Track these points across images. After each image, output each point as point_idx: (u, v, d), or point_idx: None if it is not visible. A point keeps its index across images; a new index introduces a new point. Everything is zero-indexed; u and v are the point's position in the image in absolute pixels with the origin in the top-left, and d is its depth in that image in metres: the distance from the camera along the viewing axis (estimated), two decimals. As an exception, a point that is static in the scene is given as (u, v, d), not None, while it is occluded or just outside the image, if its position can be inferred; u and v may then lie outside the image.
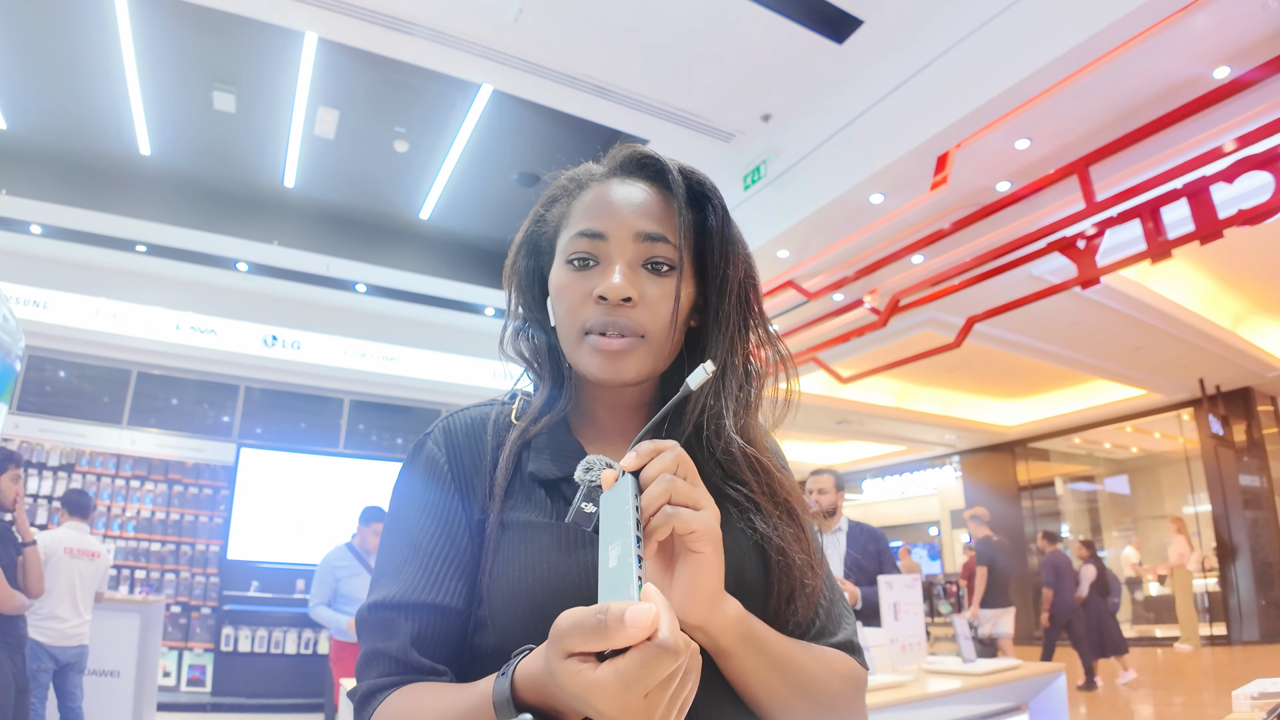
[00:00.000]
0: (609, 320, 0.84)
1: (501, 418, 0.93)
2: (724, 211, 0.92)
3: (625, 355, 0.85)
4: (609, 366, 0.85)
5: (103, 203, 7.91)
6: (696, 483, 0.71)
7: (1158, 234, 5.35)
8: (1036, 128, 5.69)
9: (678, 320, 0.87)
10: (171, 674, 8.21)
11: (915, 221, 6.73)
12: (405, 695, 0.77)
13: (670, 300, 0.87)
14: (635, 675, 0.54)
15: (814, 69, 5.94)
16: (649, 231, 0.87)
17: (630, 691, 0.54)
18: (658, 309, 0.86)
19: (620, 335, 0.85)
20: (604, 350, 0.85)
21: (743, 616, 0.78)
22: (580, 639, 0.56)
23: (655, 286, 0.86)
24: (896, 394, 12.47)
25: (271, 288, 9.34)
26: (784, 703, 0.81)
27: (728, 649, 0.77)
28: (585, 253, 0.87)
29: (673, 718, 0.58)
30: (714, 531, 0.71)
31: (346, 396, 10.17)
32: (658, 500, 0.68)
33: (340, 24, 5.53)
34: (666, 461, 0.70)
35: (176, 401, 9.45)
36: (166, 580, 8.49)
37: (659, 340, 0.87)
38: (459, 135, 7.15)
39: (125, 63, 6.33)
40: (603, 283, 0.85)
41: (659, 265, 0.87)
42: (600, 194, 0.90)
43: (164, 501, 8.77)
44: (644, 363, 0.86)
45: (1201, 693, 7.91)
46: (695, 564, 0.71)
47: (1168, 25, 4.54)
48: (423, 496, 0.88)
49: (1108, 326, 8.97)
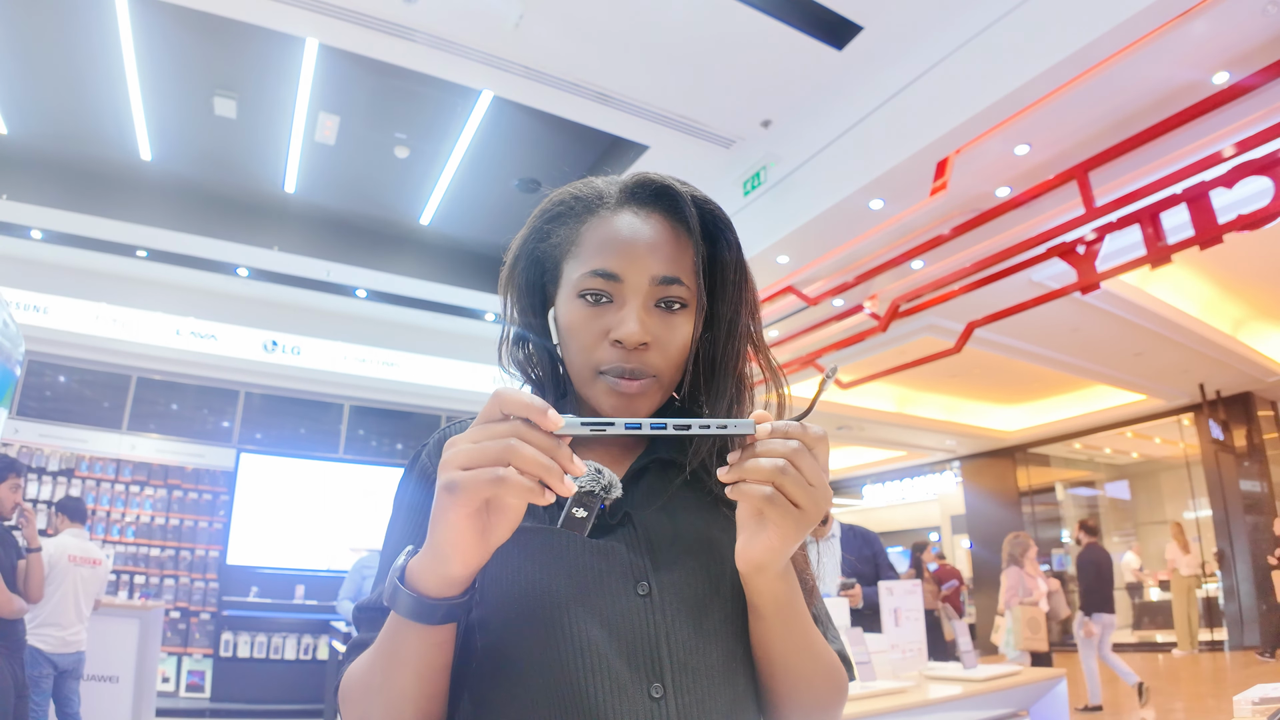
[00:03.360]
0: (625, 366, 0.85)
1: None
2: (738, 246, 0.93)
3: (640, 397, 0.87)
4: (622, 406, 0.87)
5: (103, 208, 7.91)
6: (823, 467, 0.73)
7: (1157, 239, 5.35)
8: (1036, 133, 5.70)
9: (687, 353, 0.90)
10: (170, 679, 8.20)
11: (915, 227, 6.73)
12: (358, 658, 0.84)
13: (681, 338, 0.88)
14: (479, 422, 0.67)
15: (814, 75, 5.95)
16: (665, 275, 0.87)
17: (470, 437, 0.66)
18: (670, 349, 0.88)
19: (635, 379, 0.86)
20: (621, 392, 0.86)
21: (788, 589, 0.82)
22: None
23: (668, 328, 0.87)
24: (897, 399, 12.47)
25: (272, 293, 9.34)
26: (793, 681, 0.86)
27: (762, 610, 0.82)
28: (600, 290, 0.87)
29: (484, 473, 0.64)
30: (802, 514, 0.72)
31: (346, 402, 10.17)
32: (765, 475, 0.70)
33: (341, 30, 5.54)
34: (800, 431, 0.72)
35: (176, 407, 9.44)
36: (166, 585, 8.49)
37: (671, 377, 0.89)
38: (459, 141, 7.16)
39: (126, 68, 6.34)
40: (619, 327, 0.85)
41: (672, 304, 0.88)
42: (614, 229, 0.89)
43: (163, 507, 8.76)
44: (656, 399, 0.89)
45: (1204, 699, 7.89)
46: (763, 538, 0.75)
47: (1166, 31, 4.55)
48: (413, 504, 0.90)
49: (1108, 332, 8.97)
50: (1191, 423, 12.17)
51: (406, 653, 0.74)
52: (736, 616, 0.85)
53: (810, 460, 0.71)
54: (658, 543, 0.85)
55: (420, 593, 0.70)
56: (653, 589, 0.82)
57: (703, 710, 0.80)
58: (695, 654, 0.81)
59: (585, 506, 0.75)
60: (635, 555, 0.84)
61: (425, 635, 0.72)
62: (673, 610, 0.82)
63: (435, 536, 0.68)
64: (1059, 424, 13.45)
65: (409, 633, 0.72)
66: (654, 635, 0.80)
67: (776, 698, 0.87)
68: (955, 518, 17.43)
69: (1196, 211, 5.13)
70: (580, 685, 0.77)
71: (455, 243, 9.22)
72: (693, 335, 0.89)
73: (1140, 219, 5.42)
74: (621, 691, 0.77)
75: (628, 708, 0.77)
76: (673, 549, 0.85)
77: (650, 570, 0.83)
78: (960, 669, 3.65)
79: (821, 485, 0.71)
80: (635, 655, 0.79)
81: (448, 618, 0.72)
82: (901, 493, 18.89)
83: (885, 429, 13.24)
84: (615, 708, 0.77)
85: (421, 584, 0.70)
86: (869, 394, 11.06)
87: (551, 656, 0.78)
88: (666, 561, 0.84)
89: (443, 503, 0.66)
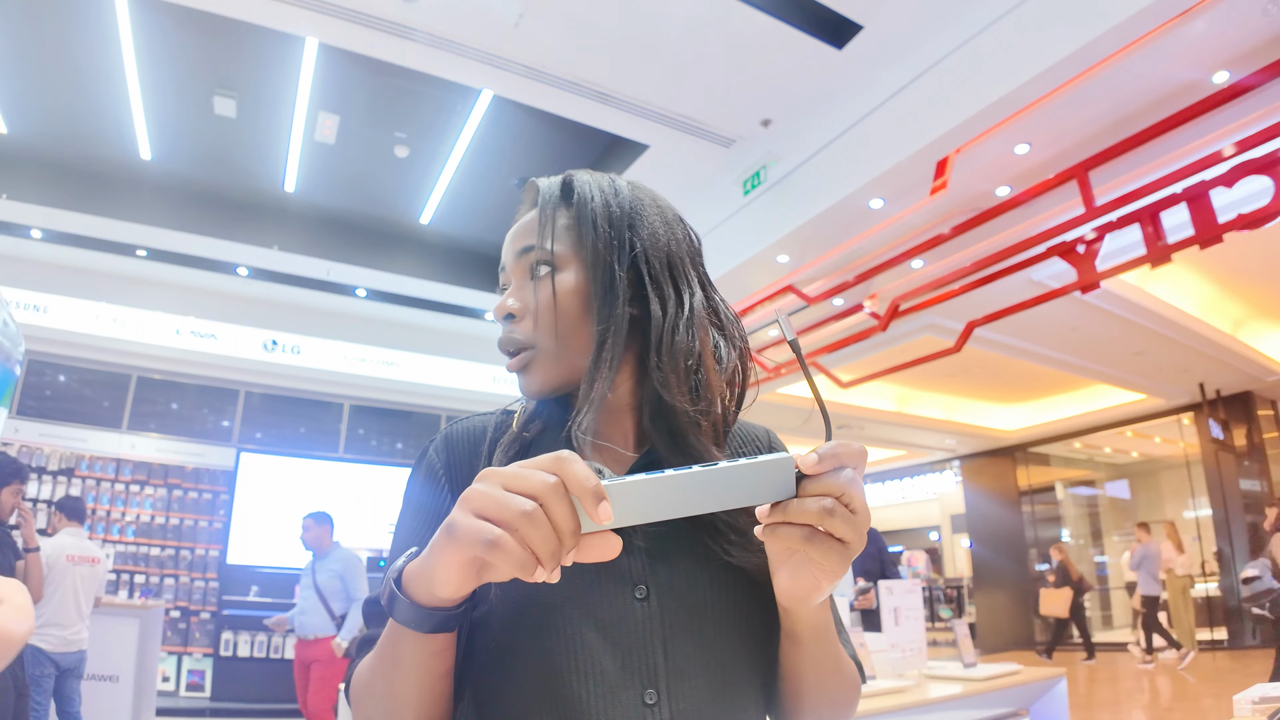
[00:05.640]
0: (503, 338, 0.92)
1: (503, 426, 0.94)
2: (586, 193, 0.91)
3: (525, 371, 0.91)
4: (522, 384, 0.92)
5: (103, 207, 7.92)
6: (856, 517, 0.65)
7: (1157, 238, 5.35)
8: (1036, 132, 5.70)
9: (571, 315, 0.88)
10: (170, 679, 8.20)
11: (915, 226, 6.73)
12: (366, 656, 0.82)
13: (545, 297, 0.89)
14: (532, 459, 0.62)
15: (813, 74, 5.95)
16: (522, 246, 0.93)
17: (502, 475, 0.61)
18: (544, 316, 0.89)
19: (510, 353, 0.91)
20: (511, 370, 0.92)
21: (825, 612, 0.81)
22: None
23: (538, 292, 0.90)
24: (897, 399, 12.47)
25: (272, 292, 9.35)
26: (819, 700, 0.86)
27: (801, 637, 0.80)
28: (501, 285, 0.96)
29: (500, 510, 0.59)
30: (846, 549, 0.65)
31: (346, 401, 10.17)
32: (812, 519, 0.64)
33: (341, 29, 5.54)
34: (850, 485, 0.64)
35: (176, 406, 9.44)
36: (166, 585, 8.49)
37: (549, 345, 0.89)
38: (459, 140, 7.16)
39: (126, 67, 6.34)
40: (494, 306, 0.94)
41: (536, 271, 0.91)
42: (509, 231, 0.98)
43: (163, 506, 8.76)
44: (545, 371, 0.90)
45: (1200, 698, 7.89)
46: (806, 574, 0.70)
47: (1166, 30, 4.55)
48: (419, 501, 0.90)
49: (1108, 331, 8.97)
50: (1191, 422, 12.17)
51: (405, 658, 0.72)
52: (734, 624, 0.84)
53: (858, 489, 0.65)
54: (656, 547, 0.84)
55: (414, 600, 0.68)
56: (650, 593, 0.81)
57: (697, 719, 0.79)
58: (692, 661, 0.80)
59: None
60: (633, 559, 0.82)
61: (422, 642, 0.70)
62: (670, 616, 0.81)
63: (429, 560, 0.65)
64: (1059, 423, 13.45)
65: (407, 638, 0.70)
66: (649, 641, 0.79)
67: (800, 714, 0.88)
68: (955, 517, 17.44)
69: (1196, 211, 5.12)
70: (572, 688, 0.77)
71: (455, 242, 9.23)
72: (573, 297, 0.88)
73: (1140, 218, 5.41)
74: (614, 696, 0.77)
75: (619, 713, 0.76)
76: (671, 554, 0.84)
77: (648, 574, 0.82)
78: (960, 668, 3.65)
79: (864, 510, 0.65)
80: (630, 660, 0.78)
81: (440, 627, 0.69)
82: (901, 492, 18.91)
83: (885, 428, 13.25)
84: (606, 713, 0.76)
85: (415, 592, 0.68)
86: (869, 393, 11.06)
87: (545, 658, 0.78)
88: (664, 566, 0.83)
89: (441, 539, 0.62)
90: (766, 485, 0.63)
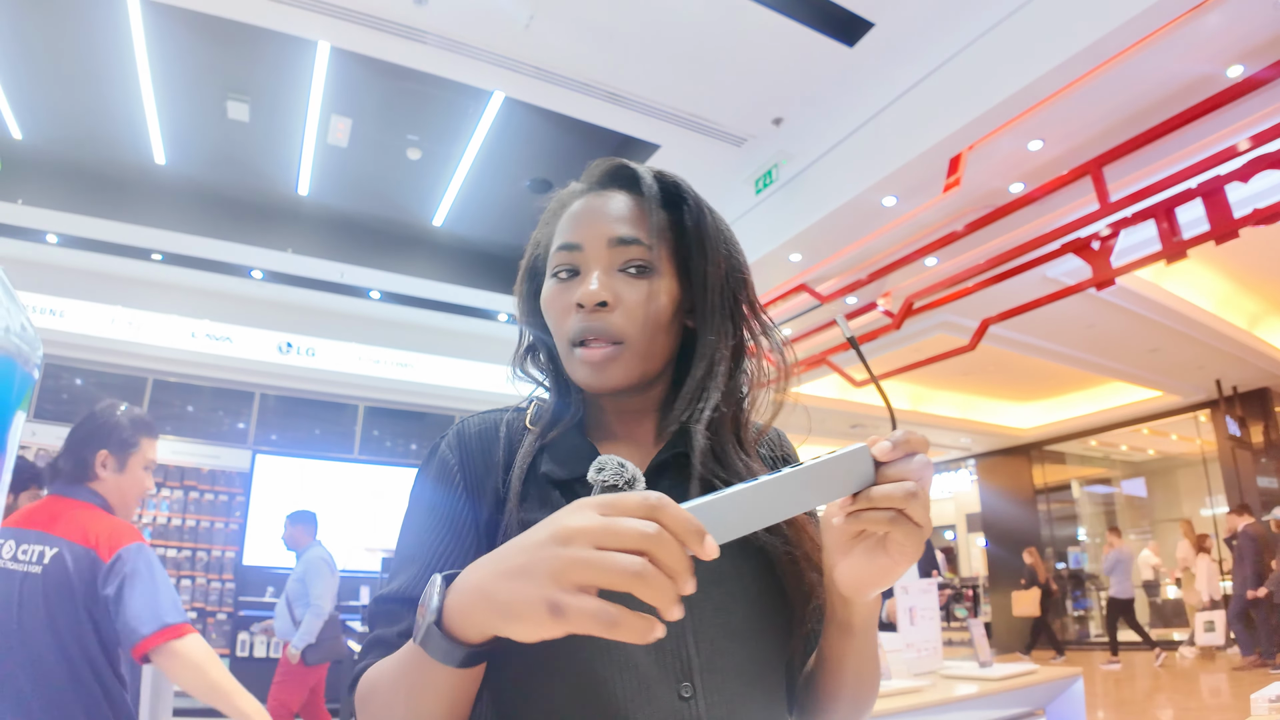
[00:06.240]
0: (587, 326, 0.86)
1: (516, 422, 0.94)
2: (699, 208, 0.93)
3: (608, 364, 0.86)
4: (595, 375, 0.87)
5: (118, 212, 7.98)
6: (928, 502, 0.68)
7: (1172, 234, 5.31)
8: (1049, 129, 5.67)
9: (660, 320, 0.88)
10: (188, 680, 8.25)
11: (928, 224, 6.71)
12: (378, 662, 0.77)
13: (647, 301, 0.88)
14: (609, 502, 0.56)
15: (825, 72, 5.94)
16: (621, 236, 0.88)
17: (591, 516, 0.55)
18: (635, 312, 0.87)
19: (600, 343, 0.86)
20: (588, 361, 0.87)
21: (877, 600, 0.81)
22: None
23: (632, 290, 0.87)
24: (911, 397, 12.43)
25: (286, 295, 9.39)
26: (859, 691, 0.87)
27: (855, 628, 0.81)
28: (565, 265, 0.90)
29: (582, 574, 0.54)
30: (921, 532, 0.68)
31: (361, 403, 10.21)
32: (898, 502, 0.66)
33: (352, 33, 5.56)
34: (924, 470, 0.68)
35: (192, 409, 9.51)
36: (182, 586, 8.54)
37: (640, 344, 0.87)
38: (471, 142, 7.18)
39: (140, 73, 6.38)
40: (578, 291, 0.87)
41: (632, 266, 0.88)
42: (576, 208, 0.93)
43: (180, 508, 8.81)
44: (628, 368, 0.87)
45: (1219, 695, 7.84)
46: (878, 561, 0.71)
47: (1180, 24, 4.52)
48: (432, 498, 0.88)
49: (1123, 328, 8.92)
50: (1208, 419, 12.08)
51: (435, 684, 0.67)
52: (763, 616, 0.85)
53: (930, 474, 0.68)
54: None
55: (461, 640, 0.62)
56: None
57: (731, 711, 0.79)
58: (723, 654, 0.80)
59: None
60: None
61: (458, 673, 0.65)
62: (700, 609, 0.80)
63: (501, 597, 0.57)
64: (1074, 421, 13.37)
65: (439, 670, 0.64)
66: (682, 633, 0.79)
67: (836, 702, 0.88)
68: (970, 515, 17.36)
69: (1212, 206, 5.08)
70: (607, 683, 0.76)
71: (468, 243, 9.25)
72: (666, 303, 0.89)
73: (1155, 214, 5.38)
74: (649, 690, 0.77)
75: (655, 707, 0.76)
76: None
77: None
78: (976, 668, 3.63)
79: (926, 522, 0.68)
80: (663, 654, 0.78)
81: (483, 659, 0.65)
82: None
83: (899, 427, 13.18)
84: (642, 707, 0.76)
85: (461, 628, 0.62)
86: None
87: (576, 654, 0.77)
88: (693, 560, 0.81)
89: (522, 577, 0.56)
90: (851, 477, 0.66)
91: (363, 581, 8.34)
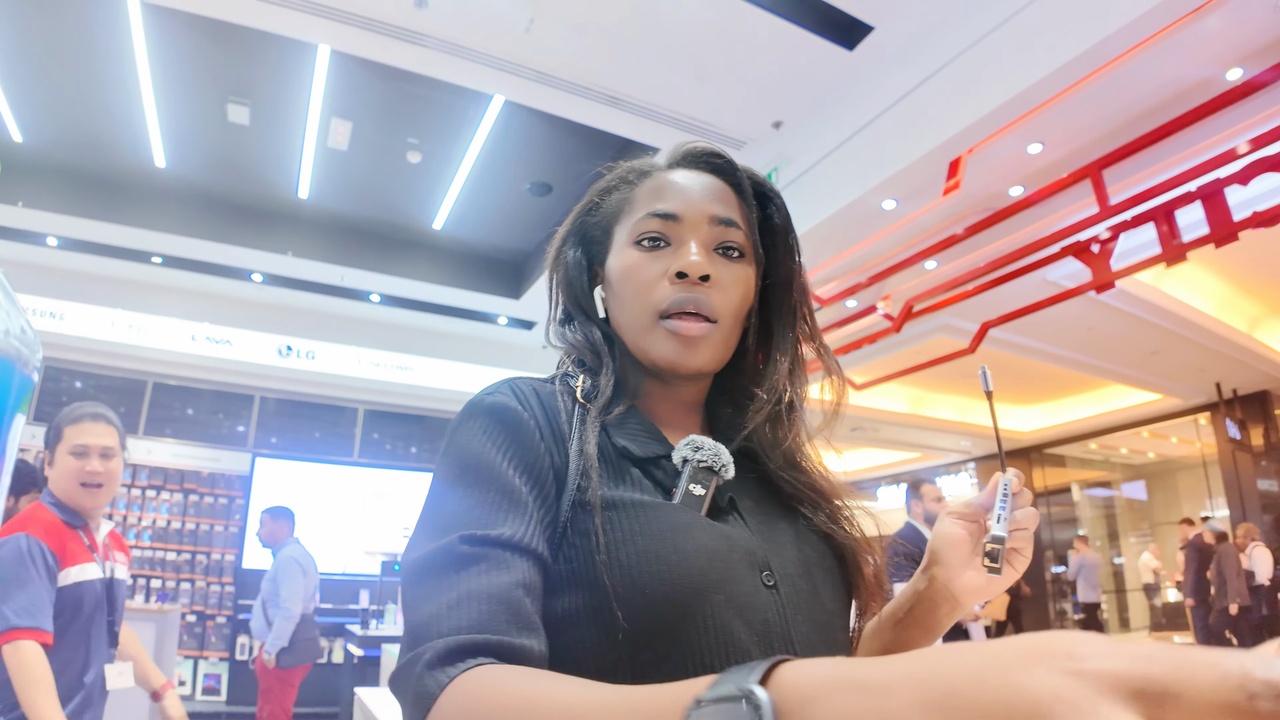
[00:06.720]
0: (689, 297, 0.82)
1: (567, 396, 0.84)
2: (787, 214, 0.93)
3: (700, 341, 0.82)
4: (683, 351, 0.82)
5: (118, 215, 7.98)
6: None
7: (1172, 237, 5.31)
8: (1049, 132, 5.67)
9: (743, 310, 0.88)
10: (187, 683, 8.25)
11: (928, 227, 6.71)
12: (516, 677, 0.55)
13: (740, 286, 0.86)
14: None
15: (824, 76, 5.94)
16: (723, 216, 0.86)
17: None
18: (732, 294, 0.85)
19: (697, 318, 0.82)
20: (682, 334, 0.82)
21: None
22: None
23: (728, 271, 0.85)
24: (911, 400, 12.42)
25: (286, 298, 9.40)
26: None
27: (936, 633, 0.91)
28: (657, 233, 0.86)
29: None
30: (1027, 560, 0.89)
31: (361, 406, 10.21)
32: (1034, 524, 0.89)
33: (352, 36, 5.56)
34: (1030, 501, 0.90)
35: (192, 412, 9.51)
36: (182, 589, 8.54)
37: (728, 327, 0.86)
38: (471, 145, 7.18)
39: (140, 76, 6.39)
40: (678, 261, 0.83)
41: (730, 250, 0.86)
42: (669, 179, 0.89)
43: (179, 511, 8.82)
44: (715, 351, 0.85)
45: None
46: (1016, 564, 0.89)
47: (1179, 27, 4.52)
48: (510, 453, 0.75)
49: (1123, 331, 8.92)
50: (1208, 422, 12.06)
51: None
52: (838, 615, 0.83)
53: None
54: (762, 532, 0.81)
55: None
56: (776, 579, 0.77)
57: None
58: (815, 650, 0.76)
59: (703, 484, 0.73)
60: (751, 543, 0.78)
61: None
62: (792, 603, 0.77)
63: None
64: (1074, 424, 13.36)
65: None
66: (785, 628, 0.75)
67: None
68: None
69: (1211, 209, 5.08)
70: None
71: (468, 247, 9.24)
72: (749, 294, 0.88)
73: (1155, 217, 5.38)
74: None
75: None
76: (776, 540, 0.81)
77: (770, 557, 0.78)
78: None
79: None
80: (770, 649, 0.73)
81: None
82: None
83: (899, 430, 13.18)
84: None
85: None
86: (883, 395, 11.01)
87: (691, 650, 0.69)
88: (774, 552, 0.79)
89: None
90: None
91: (362, 585, 8.31)
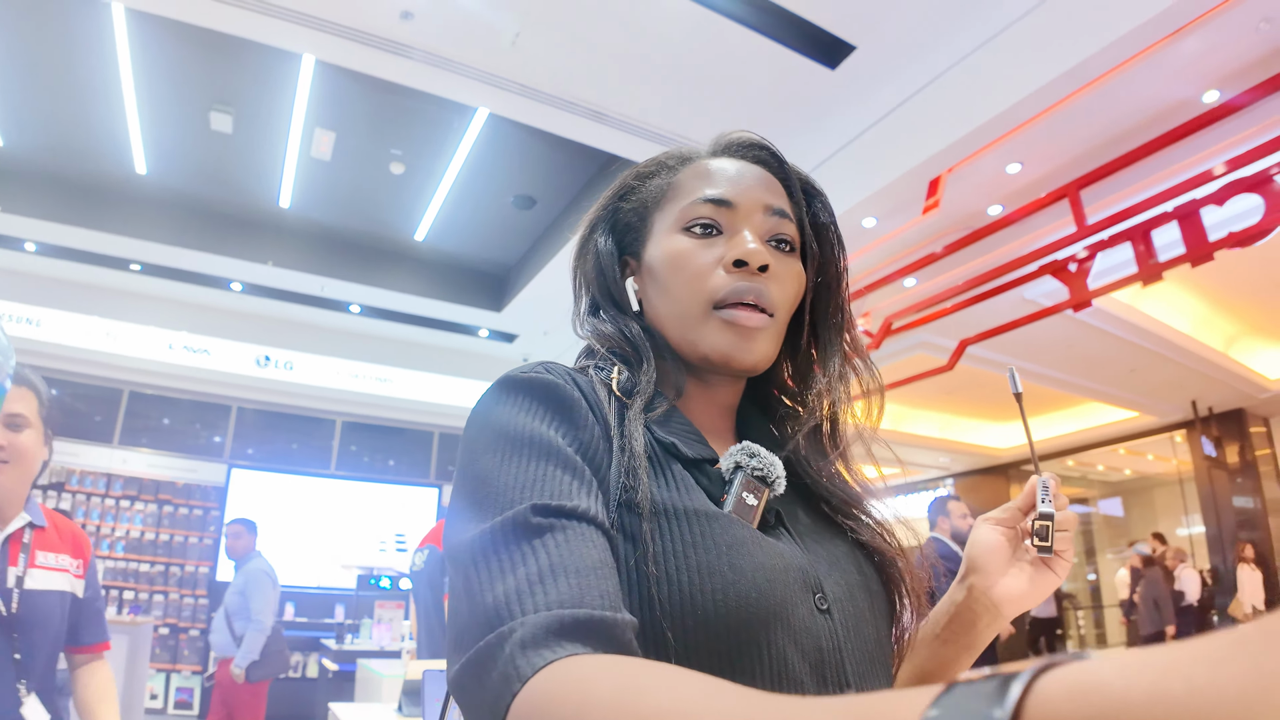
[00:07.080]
0: (750, 286, 0.77)
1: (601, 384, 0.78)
2: (831, 210, 0.89)
3: (757, 334, 0.78)
4: (740, 344, 0.78)
5: (98, 221, 7.91)
6: None
7: (1149, 256, 5.37)
8: (1028, 152, 5.73)
9: (793, 306, 0.84)
10: (159, 696, 8.13)
11: (908, 245, 6.76)
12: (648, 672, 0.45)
13: (795, 282, 0.82)
14: None
15: (807, 94, 5.97)
16: (777, 206, 0.82)
17: None
18: (787, 287, 0.81)
19: (755, 309, 0.78)
20: (741, 324, 0.77)
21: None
22: None
23: (782, 264, 0.81)
24: (890, 417, 12.41)
25: (265, 308, 9.34)
26: None
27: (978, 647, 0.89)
28: (709, 219, 0.81)
29: None
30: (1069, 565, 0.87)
31: (339, 418, 10.15)
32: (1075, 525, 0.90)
33: (338, 46, 5.55)
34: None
35: (168, 421, 9.41)
36: (155, 602, 8.43)
37: (782, 323, 0.82)
38: (455, 158, 7.18)
39: (123, 82, 6.35)
40: (735, 249, 0.78)
41: (783, 243, 0.82)
42: (718, 165, 0.85)
43: (154, 522, 8.71)
44: (769, 346, 0.80)
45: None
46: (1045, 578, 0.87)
47: (1157, 50, 4.59)
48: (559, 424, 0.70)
49: (1100, 349, 9.00)
50: (1184, 439, 12.17)
51: None
52: (885, 640, 0.79)
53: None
54: (813, 550, 0.77)
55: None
56: (829, 603, 0.73)
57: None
58: (866, 679, 0.72)
59: (755, 494, 0.70)
60: (803, 562, 0.73)
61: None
62: (843, 628, 0.72)
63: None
64: (1052, 441, 13.44)
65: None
66: (839, 657, 0.71)
67: None
68: (949, 535, 17.34)
69: (1188, 229, 5.15)
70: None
71: (450, 259, 9.22)
72: (800, 290, 0.84)
73: (1132, 236, 5.44)
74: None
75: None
76: (824, 559, 0.77)
77: (823, 581, 0.74)
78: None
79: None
80: (824, 681, 0.69)
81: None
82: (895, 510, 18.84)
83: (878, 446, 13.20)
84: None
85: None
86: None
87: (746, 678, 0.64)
88: (823, 571, 0.75)
89: None
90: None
91: (338, 599, 8.22)
